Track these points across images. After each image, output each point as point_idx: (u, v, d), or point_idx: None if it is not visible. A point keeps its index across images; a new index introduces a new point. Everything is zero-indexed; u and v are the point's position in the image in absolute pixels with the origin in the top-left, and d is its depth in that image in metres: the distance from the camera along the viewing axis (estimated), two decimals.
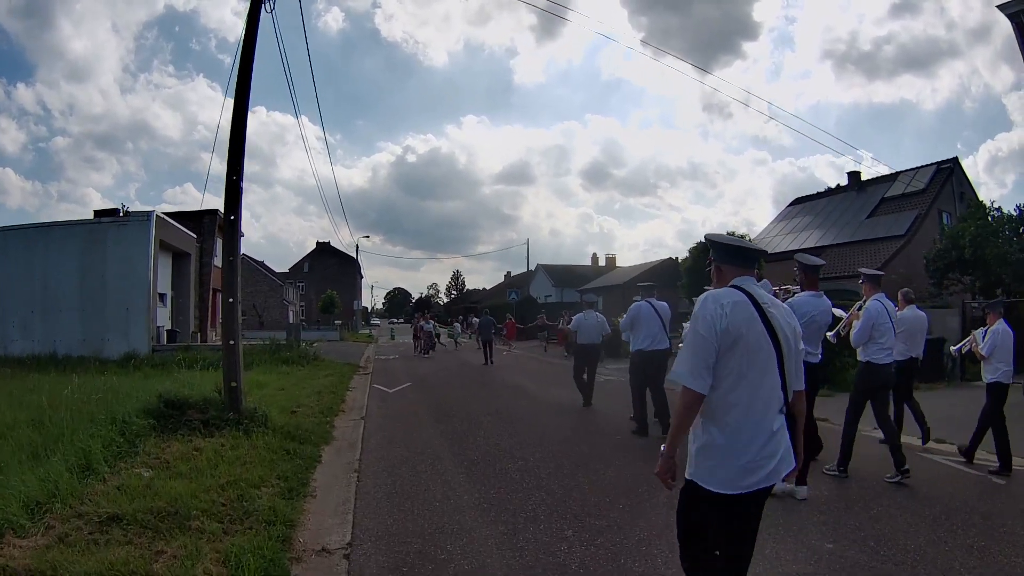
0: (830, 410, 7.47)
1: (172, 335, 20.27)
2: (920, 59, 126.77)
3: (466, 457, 6.56)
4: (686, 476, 2.37)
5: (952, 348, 7.37)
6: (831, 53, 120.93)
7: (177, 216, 23.25)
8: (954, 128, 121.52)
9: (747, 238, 20.66)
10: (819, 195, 31.92)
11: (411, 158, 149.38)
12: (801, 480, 4.77)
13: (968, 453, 6.13)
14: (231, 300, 7.18)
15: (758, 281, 2.49)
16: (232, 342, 7.13)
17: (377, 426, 8.32)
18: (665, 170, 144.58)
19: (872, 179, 28.34)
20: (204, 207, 25.41)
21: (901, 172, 26.03)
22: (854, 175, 29.55)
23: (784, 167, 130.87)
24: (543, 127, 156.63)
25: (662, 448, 2.38)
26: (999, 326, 6.07)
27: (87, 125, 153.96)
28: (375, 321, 77.55)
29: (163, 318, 20.78)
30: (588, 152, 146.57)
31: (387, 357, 22.45)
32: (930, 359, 9.70)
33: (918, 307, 6.98)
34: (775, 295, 5.96)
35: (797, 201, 33.09)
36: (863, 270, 6.22)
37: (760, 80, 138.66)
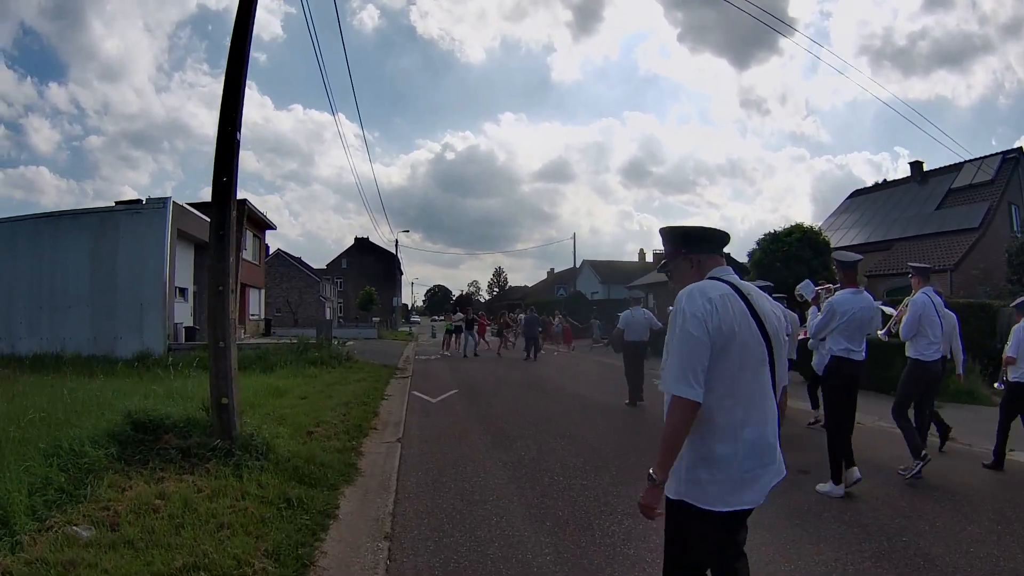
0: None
1: (191, 332, 18.67)
2: (954, 55, 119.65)
3: (547, 510, 4.55)
4: (672, 497, 2.05)
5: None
6: (867, 48, 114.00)
7: (202, 206, 21.63)
8: (988, 124, 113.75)
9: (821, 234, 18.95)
10: (878, 187, 30.08)
11: (450, 155, 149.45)
12: (835, 478, 4.85)
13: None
14: (220, 289, 5.30)
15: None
16: (221, 344, 5.25)
17: (418, 453, 6.35)
18: (704, 167, 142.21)
19: (935, 169, 26.77)
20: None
21: (966, 162, 24.32)
22: (916, 165, 27.59)
23: (822, 164, 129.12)
24: (581, 124, 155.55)
25: (651, 471, 1.99)
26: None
27: (122, 124, 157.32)
28: (415, 318, 76.44)
29: (183, 314, 19.34)
30: (627, 149, 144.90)
31: (428, 357, 20.44)
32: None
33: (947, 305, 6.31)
34: (817, 295, 6.08)
35: (856, 193, 31.26)
36: (912, 263, 6.06)
37: (798, 76, 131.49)
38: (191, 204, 19.93)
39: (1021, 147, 24.05)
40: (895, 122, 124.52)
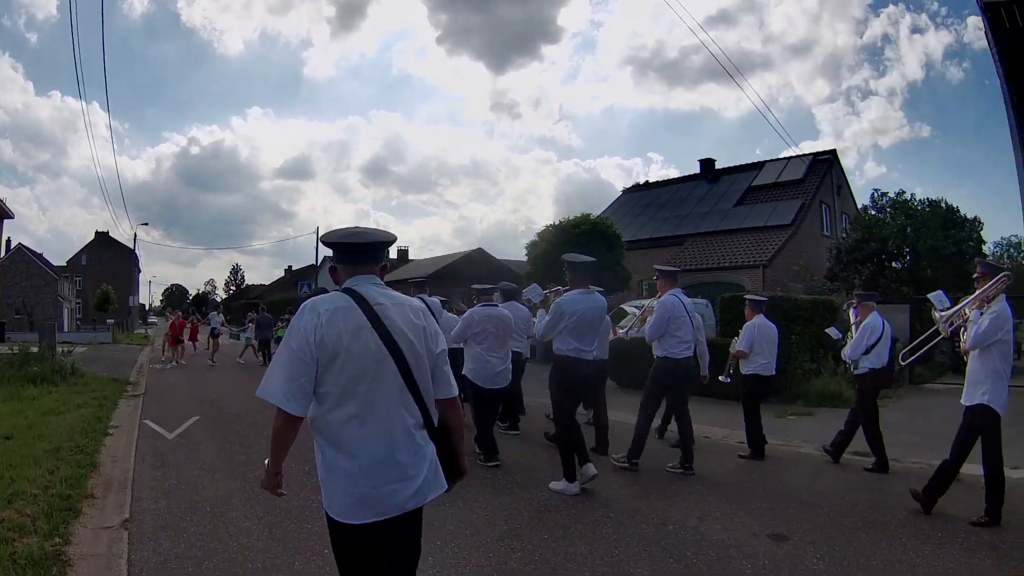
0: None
1: None
2: (728, 69, 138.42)
3: None
4: (328, 512, 2.05)
5: (721, 377, 6.90)
6: (633, 59, 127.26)
7: None
8: (754, 136, 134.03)
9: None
10: (662, 183, 30.28)
11: (195, 150, 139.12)
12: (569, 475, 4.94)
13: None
14: None
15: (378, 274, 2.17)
16: None
17: (155, 555, 3.76)
18: (446, 168, 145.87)
19: (728, 168, 27.32)
20: None
21: (768, 162, 25.63)
22: (707, 163, 28.03)
23: (569, 167, 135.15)
24: (328, 121, 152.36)
25: (266, 462, 2.15)
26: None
27: None
28: (152, 319, 69.30)
29: None
30: (370, 148, 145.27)
31: (164, 365, 17.15)
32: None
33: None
34: (546, 298, 6.09)
35: (634, 188, 31.12)
36: (657, 266, 6.20)
37: (556, 82, 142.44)
38: None
39: (835, 149, 25.74)
40: (651, 129, 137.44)
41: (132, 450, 6.46)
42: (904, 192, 19.31)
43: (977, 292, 4.48)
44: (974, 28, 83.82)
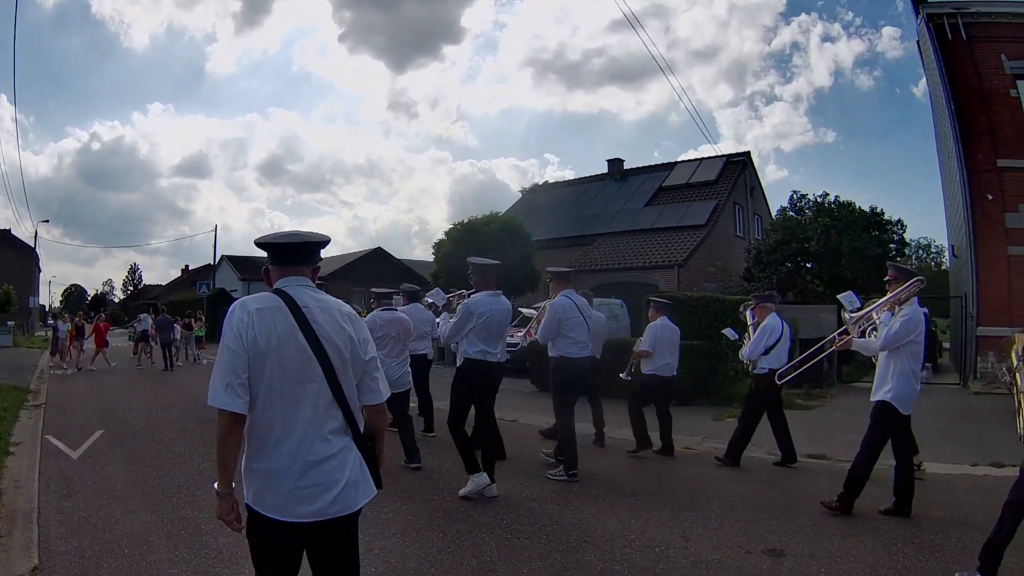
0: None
1: None
2: (631, 73, 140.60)
3: None
4: (245, 501, 2.04)
5: (622, 375, 6.98)
6: (534, 61, 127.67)
7: None
8: (654, 138, 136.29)
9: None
10: (566, 183, 29.75)
11: (96, 145, 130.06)
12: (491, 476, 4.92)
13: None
14: None
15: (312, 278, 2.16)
16: None
17: None
18: (342, 167, 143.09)
19: (636, 168, 26.83)
20: None
21: (678, 163, 25.54)
22: (615, 162, 27.36)
23: (465, 167, 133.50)
24: (226, 118, 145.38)
25: (214, 486, 2.01)
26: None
27: None
28: (51, 321, 64.26)
29: None
30: (267, 146, 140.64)
31: (65, 370, 16.14)
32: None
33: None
34: (448, 301, 6.25)
35: (536, 188, 30.54)
36: (550, 268, 6.25)
37: (455, 83, 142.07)
38: None
39: (749, 151, 25.48)
40: (549, 131, 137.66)
41: (36, 472, 5.66)
42: (828, 194, 19.98)
43: (889, 295, 4.56)
44: (889, 38, 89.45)
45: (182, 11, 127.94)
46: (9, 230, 56.16)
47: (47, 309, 52.21)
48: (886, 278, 4.66)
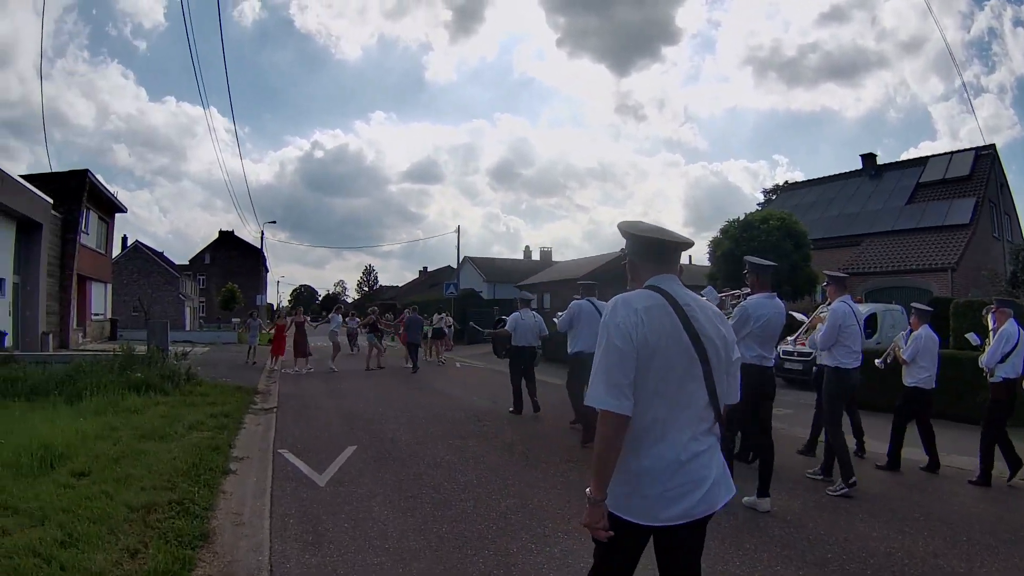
0: None
1: None
2: (845, 68, 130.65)
3: None
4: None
5: (877, 361, 6.74)
6: (752, 59, 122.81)
7: (31, 179, 17.12)
8: (876, 136, 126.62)
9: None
10: (821, 180, 28.42)
11: (319, 154, 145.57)
12: (762, 492, 4.62)
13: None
14: None
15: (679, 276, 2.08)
16: None
17: None
18: (574, 170, 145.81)
19: (889, 164, 25.93)
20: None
21: (931, 157, 23.91)
22: (868, 158, 26.39)
23: (697, 170, 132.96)
24: (452, 125, 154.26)
25: (587, 491, 1.89)
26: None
27: (3, 112, 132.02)
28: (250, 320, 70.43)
29: None
30: (496, 151, 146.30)
31: (298, 370, 14.82)
32: None
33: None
34: (722, 301, 6.48)
35: (793, 187, 30.38)
36: (828, 272, 6.00)
37: (678, 84, 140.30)
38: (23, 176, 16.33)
39: (994, 144, 23.65)
40: (774, 131, 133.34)
41: (266, 504, 4.49)
42: None
43: None
44: None
45: (391, 23, 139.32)
46: (233, 232, 62.94)
47: (274, 308, 57.16)
48: None
